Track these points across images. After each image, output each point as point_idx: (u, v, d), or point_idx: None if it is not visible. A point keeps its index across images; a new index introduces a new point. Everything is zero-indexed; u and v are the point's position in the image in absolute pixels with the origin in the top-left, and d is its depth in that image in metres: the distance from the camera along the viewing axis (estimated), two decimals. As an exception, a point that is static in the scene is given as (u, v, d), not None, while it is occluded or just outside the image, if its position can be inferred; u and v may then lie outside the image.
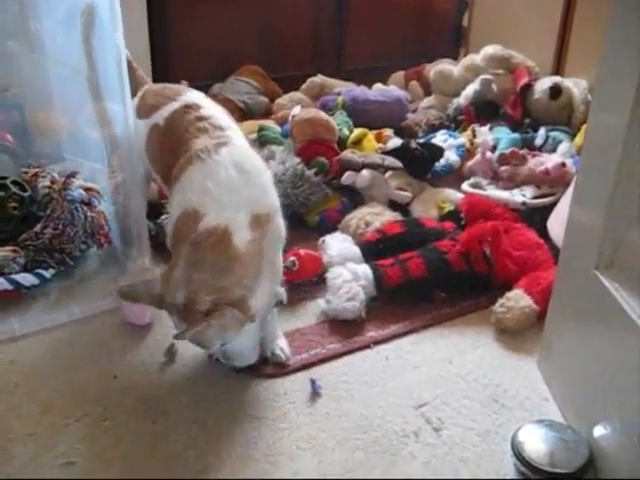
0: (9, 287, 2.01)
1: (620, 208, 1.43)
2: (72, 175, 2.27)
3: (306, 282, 2.16)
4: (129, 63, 2.14)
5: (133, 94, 2.08)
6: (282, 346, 1.84)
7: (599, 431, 1.47)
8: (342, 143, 2.86)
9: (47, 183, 2.26)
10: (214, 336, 1.49)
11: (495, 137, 2.85)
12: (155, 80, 2.45)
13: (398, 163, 2.61)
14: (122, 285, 1.66)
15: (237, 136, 1.80)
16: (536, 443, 1.51)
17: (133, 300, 1.65)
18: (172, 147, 1.79)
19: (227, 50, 3.65)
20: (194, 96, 1.97)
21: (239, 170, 1.64)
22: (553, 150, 2.73)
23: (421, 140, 2.91)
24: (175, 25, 3.48)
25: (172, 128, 1.85)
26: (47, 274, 2.11)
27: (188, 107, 1.87)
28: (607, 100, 1.49)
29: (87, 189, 2.26)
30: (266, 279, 1.60)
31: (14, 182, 2.25)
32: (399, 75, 3.87)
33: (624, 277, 1.43)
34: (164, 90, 2.03)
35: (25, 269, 2.09)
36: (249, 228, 1.56)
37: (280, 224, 1.69)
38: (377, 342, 1.93)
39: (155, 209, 2.39)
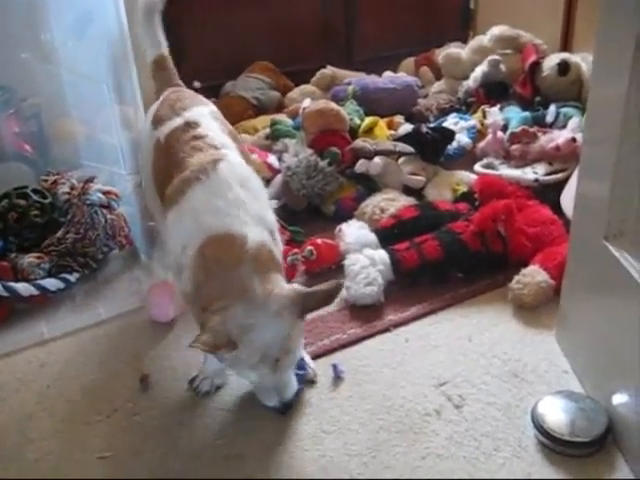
0: (35, 292, 2.05)
1: (625, 178, 1.45)
2: (90, 180, 2.32)
3: (325, 270, 2.19)
4: (161, 60, 2.12)
5: (158, 95, 2.04)
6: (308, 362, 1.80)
7: (617, 399, 1.50)
8: (354, 132, 2.88)
9: (66, 189, 2.31)
10: None
11: (506, 117, 2.85)
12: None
13: (410, 148, 2.63)
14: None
15: (232, 154, 1.73)
16: (556, 414, 1.54)
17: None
18: (167, 166, 1.73)
19: (238, 48, 3.65)
20: (198, 112, 1.86)
21: (242, 186, 1.60)
22: (564, 126, 2.71)
23: (432, 124, 2.92)
24: (185, 25, 3.50)
25: (169, 146, 1.76)
26: (72, 278, 2.16)
27: (188, 125, 1.78)
28: (605, 72, 1.52)
29: (106, 192, 2.32)
30: None
31: (35, 190, 2.29)
32: (409, 62, 3.86)
33: (633, 246, 1.45)
34: (176, 103, 1.90)
35: (50, 274, 2.13)
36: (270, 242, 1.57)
37: (279, 241, 1.67)
38: (397, 325, 1.96)
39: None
